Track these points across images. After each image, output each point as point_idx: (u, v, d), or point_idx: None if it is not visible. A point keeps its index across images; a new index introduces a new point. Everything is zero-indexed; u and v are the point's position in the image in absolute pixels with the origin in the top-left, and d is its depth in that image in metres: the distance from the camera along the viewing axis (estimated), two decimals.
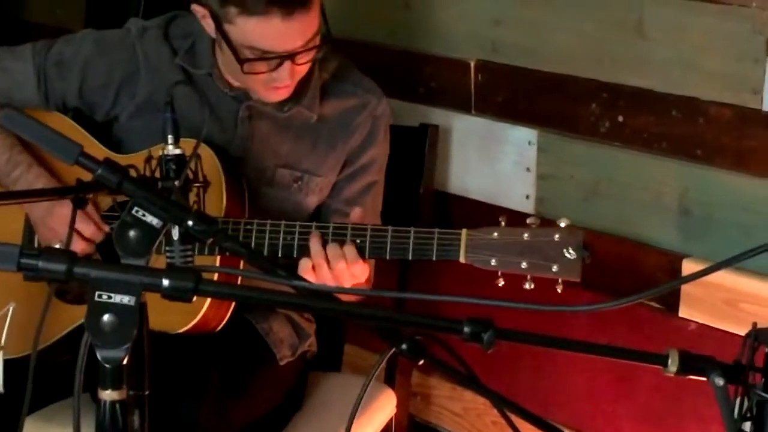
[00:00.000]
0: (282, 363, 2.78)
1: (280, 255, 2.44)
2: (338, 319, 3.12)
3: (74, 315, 2.55)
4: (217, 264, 2.43)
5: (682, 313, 2.79)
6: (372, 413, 2.97)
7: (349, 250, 2.38)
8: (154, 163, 2.26)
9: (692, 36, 2.69)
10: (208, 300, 2.46)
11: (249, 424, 2.66)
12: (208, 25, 2.54)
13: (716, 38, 2.64)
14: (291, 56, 2.47)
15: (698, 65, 2.68)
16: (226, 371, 2.62)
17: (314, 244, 2.40)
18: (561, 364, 3.13)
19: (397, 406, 3.10)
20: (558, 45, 2.96)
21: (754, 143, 2.61)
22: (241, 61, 2.46)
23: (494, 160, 3.17)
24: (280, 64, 2.48)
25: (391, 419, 3.09)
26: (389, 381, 3.13)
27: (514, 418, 1.70)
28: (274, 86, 2.54)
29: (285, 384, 2.84)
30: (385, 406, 3.04)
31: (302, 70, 2.55)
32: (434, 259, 2.34)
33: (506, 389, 3.14)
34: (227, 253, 2.41)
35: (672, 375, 1.55)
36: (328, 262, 2.38)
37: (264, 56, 2.46)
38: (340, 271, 2.37)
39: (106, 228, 2.54)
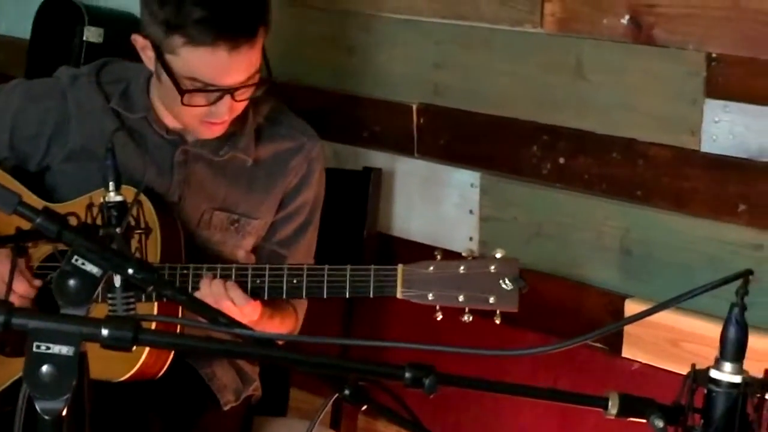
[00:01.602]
0: (226, 408, 2.76)
1: None
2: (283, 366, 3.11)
3: (14, 368, 2.53)
4: (156, 311, 2.42)
5: (625, 353, 2.80)
6: None
7: (234, 292, 2.40)
8: (95, 209, 2.26)
9: (631, 78, 2.72)
10: (147, 349, 2.45)
11: None
12: (148, 57, 2.53)
13: (654, 80, 2.67)
14: (232, 91, 2.47)
15: (637, 107, 2.71)
16: (169, 418, 2.60)
17: (203, 285, 2.42)
18: (506, 407, 3.13)
19: None
20: (498, 88, 2.98)
21: (692, 184, 2.64)
22: (182, 91, 2.45)
23: (437, 203, 3.18)
24: (219, 98, 2.48)
25: None
26: (335, 425, 3.12)
27: None
28: (211, 122, 2.53)
29: (230, 429, 2.81)
30: None
31: (240, 107, 2.55)
32: (371, 296, 2.35)
33: (451, 430, 3.16)
34: (165, 300, 2.40)
35: (613, 417, 1.55)
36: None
37: (205, 88, 2.46)
38: (228, 308, 2.37)
39: (38, 283, 2.52)
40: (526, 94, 2.92)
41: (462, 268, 2.27)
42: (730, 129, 2.56)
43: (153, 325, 2.28)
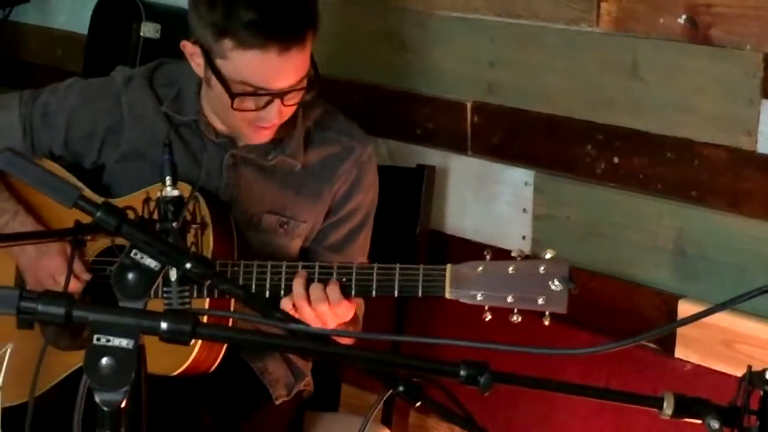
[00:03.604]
0: (278, 402, 2.78)
1: (267, 295, 2.44)
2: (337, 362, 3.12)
3: (68, 362, 2.55)
4: (207, 306, 2.43)
5: (678, 353, 2.80)
6: None
7: (333, 290, 2.39)
8: (152, 204, 2.28)
9: (687, 78, 2.70)
10: (199, 343, 2.46)
11: None
12: (197, 64, 2.55)
13: (710, 80, 2.66)
14: (281, 94, 2.48)
15: (693, 107, 2.70)
16: (221, 412, 2.61)
17: (297, 285, 2.41)
18: (558, 406, 3.13)
19: None
20: (553, 86, 2.97)
21: (748, 185, 2.62)
22: (233, 95, 2.47)
23: (490, 201, 3.18)
24: (269, 102, 2.49)
25: None
26: (386, 421, 3.12)
27: None
28: (260, 126, 2.54)
29: (281, 424, 2.83)
30: None
31: (289, 111, 2.56)
32: (420, 295, 2.35)
33: (503, 429, 3.16)
34: (225, 295, 2.42)
35: (668, 418, 1.55)
36: (309, 303, 2.38)
37: (256, 92, 2.47)
38: (322, 312, 2.38)
39: (87, 276, 2.55)
40: (581, 93, 2.91)
41: (511, 268, 2.26)
42: None
43: (205, 320, 2.31)
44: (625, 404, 1.63)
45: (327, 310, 2.36)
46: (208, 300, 2.46)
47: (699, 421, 1.52)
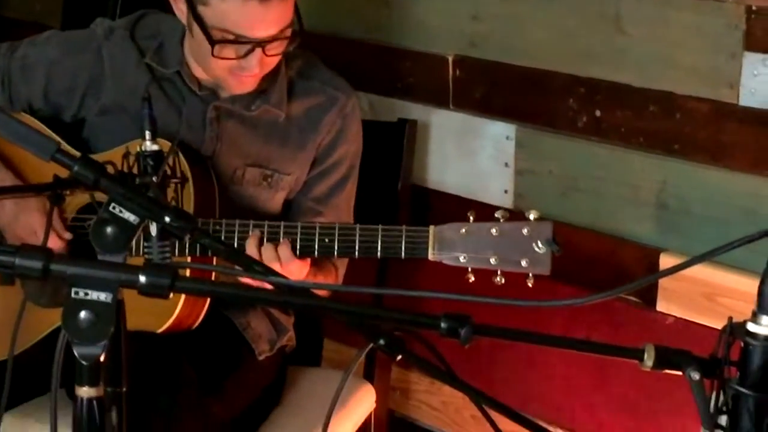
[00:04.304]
0: (260, 358, 2.78)
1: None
2: (318, 315, 3.12)
3: (50, 319, 2.55)
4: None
5: (660, 307, 2.80)
6: (351, 408, 2.97)
7: (283, 250, 2.38)
8: (131, 159, 2.26)
9: (669, 31, 2.69)
10: (182, 299, 2.46)
11: (228, 420, 2.65)
12: (180, 10, 2.53)
13: (693, 33, 2.65)
14: (262, 44, 2.46)
15: (675, 60, 2.69)
16: (204, 367, 2.61)
17: (251, 245, 2.40)
18: (539, 359, 3.14)
19: (377, 401, 3.10)
20: (535, 40, 2.96)
21: (730, 138, 2.62)
22: (213, 42, 2.45)
23: (472, 155, 3.17)
24: (250, 51, 2.47)
25: (371, 414, 3.09)
26: (368, 376, 3.13)
27: (492, 412, 1.71)
28: (241, 75, 2.53)
29: (264, 379, 2.83)
30: (364, 400, 3.05)
31: (271, 61, 2.54)
32: (403, 257, 2.34)
33: (484, 384, 3.15)
34: (207, 252, 2.41)
35: (648, 369, 1.55)
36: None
37: (236, 40, 2.45)
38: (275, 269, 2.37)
39: (68, 236, 2.53)
40: (564, 47, 2.91)
41: (494, 230, 2.25)
42: None
43: (188, 275, 2.30)
44: (605, 356, 1.63)
45: (279, 269, 2.35)
46: (189, 257, 2.45)
47: (679, 373, 1.52)
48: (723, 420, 1.51)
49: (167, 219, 1.71)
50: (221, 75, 2.55)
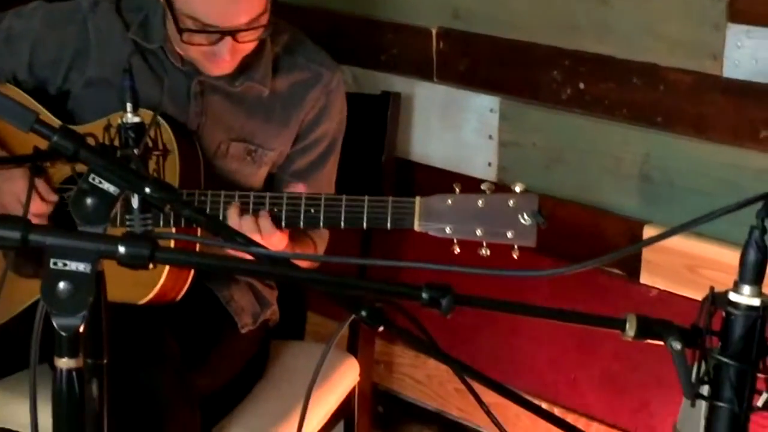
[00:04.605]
0: (243, 331, 2.77)
1: None
2: (300, 287, 3.12)
3: (32, 290, 2.53)
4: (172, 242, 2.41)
5: (644, 279, 2.81)
6: (335, 381, 2.97)
7: (264, 221, 2.37)
8: (113, 131, 2.25)
9: (653, 3, 2.69)
10: (166, 271, 2.46)
11: (211, 393, 2.65)
12: None
13: (677, 5, 2.64)
14: (232, 33, 2.45)
15: (659, 31, 2.68)
16: (187, 340, 2.61)
17: (231, 217, 2.39)
18: (523, 333, 3.14)
19: (360, 374, 3.10)
20: (519, 12, 2.95)
21: (713, 110, 2.62)
22: (181, 30, 2.44)
23: (456, 128, 3.17)
24: (220, 39, 2.45)
25: (354, 387, 3.10)
26: (352, 349, 3.13)
27: (475, 385, 1.70)
28: (215, 60, 2.51)
29: (247, 352, 2.83)
30: (347, 374, 3.05)
31: (244, 48, 2.52)
32: (389, 228, 2.33)
33: (468, 357, 3.16)
34: (191, 225, 2.40)
35: (630, 339, 1.55)
36: None
37: (204, 29, 2.44)
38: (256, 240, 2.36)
39: (54, 198, 2.52)
40: (547, 19, 2.90)
41: (480, 202, 2.25)
42: (752, 54, 2.53)
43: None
44: (588, 327, 1.62)
45: (260, 241, 2.34)
46: (174, 230, 2.44)
47: (661, 343, 1.51)
48: (704, 390, 1.52)
49: (147, 190, 1.70)
50: (196, 58, 2.54)
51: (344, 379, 3.03)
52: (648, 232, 2.75)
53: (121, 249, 1.42)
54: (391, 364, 3.51)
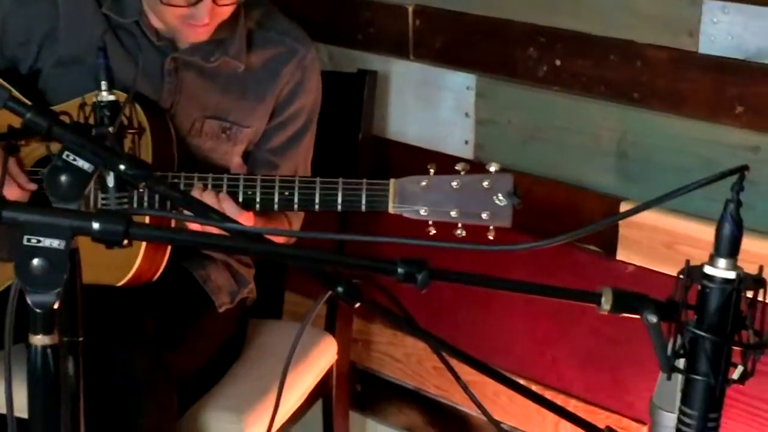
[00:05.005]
0: (221, 310, 2.77)
1: None
2: (278, 266, 3.12)
3: (8, 273, 2.52)
4: (147, 219, 2.40)
5: (620, 255, 2.81)
6: (312, 360, 2.97)
7: (226, 205, 2.38)
8: (87, 109, 2.24)
9: None
10: (141, 252, 2.45)
11: (188, 373, 2.65)
12: None
13: None
14: None
15: (635, 8, 2.68)
16: (163, 320, 2.60)
17: (194, 194, 2.38)
18: (501, 311, 3.14)
19: (338, 353, 3.11)
20: None
21: (690, 86, 2.62)
22: None
23: (433, 106, 3.16)
24: (199, 0, 2.44)
25: (332, 366, 3.10)
26: (330, 328, 3.13)
27: (454, 363, 1.71)
28: (193, 23, 2.50)
29: (224, 331, 2.83)
30: (325, 352, 3.05)
31: (224, 11, 2.51)
32: (363, 210, 2.33)
33: (447, 335, 3.16)
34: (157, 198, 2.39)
35: (606, 313, 1.55)
36: None
37: None
38: None
39: (32, 186, 2.50)
40: None
41: (455, 183, 2.25)
42: (728, 30, 2.53)
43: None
44: (564, 300, 1.63)
45: None
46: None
47: (636, 316, 1.52)
48: (680, 363, 1.52)
49: (122, 167, 1.70)
50: (173, 23, 2.53)
51: (322, 357, 3.03)
52: (625, 208, 2.75)
53: (95, 225, 1.42)
54: (370, 342, 3.51)
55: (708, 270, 1.49)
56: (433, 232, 2.27)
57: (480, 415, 3.11)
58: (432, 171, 2.27)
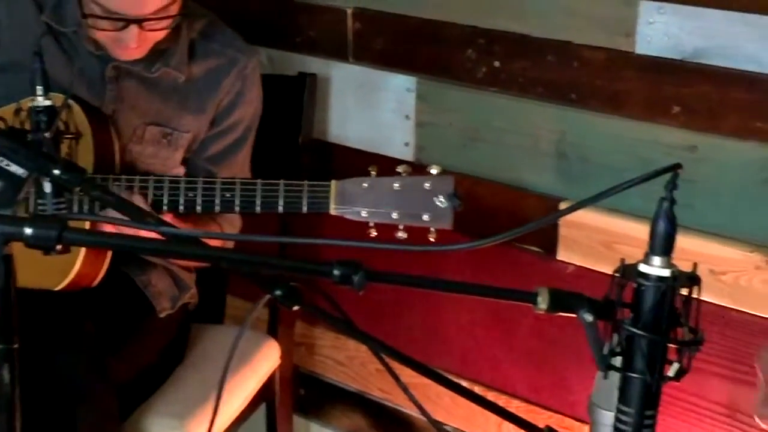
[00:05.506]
0: (162, 315, 2.75)
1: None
2: (219, 270, 3.10)
3: None
4: (87, 225, 2.38)
5: (561, 255, 2.82)
6: (255, 364, 2.96)
7: (137, 200, 2.36)
8: (23, 114, 2.22)
9: None
10: (81, 256, 2.43)
11: (129, 378, 2.63)
12: None
13: None
14: (138, 21, 2.42)
15: (573, 9, 2.69)
16: (104, 325, 2.58)
17: None
18: (442, 312, 3.15)
19: (281, 357, 3.10)
20: None
21: (627, 86, 2.63)
22: (85, 15, 2.41)
23: (373, 108, 3.16)
24: (125, 27, 2.43)
25: (275, 370, 3.09)
26: (272, 332, 3.12)
27: (396, 365, 1.70)
28: (122, 46, 2.49)
29: (166, 336, 2.81)
30: (268, 356, 3.04)
31: (152, 36, 2.49)
32: (305, 211, 2.33)
33: (388, 337, 3.16)
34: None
35: (543, 312, 1.56)
36: None
37: (108, 17, 2.41)
38: None
39: None
40: None
41: (396, 184, 2.25)
42: (665, 30, 2.55)
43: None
44: (500, 300, 1.63)
45: None
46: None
47: (573, 315, 1.53)
48: (617, 361, 1.53)
49: (56, 171, 1.68)
50: (104, 43, 2.51)
51: (265, 361, 3.02)
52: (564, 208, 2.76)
53: (28, 230, 1.40)
54: (312, 346, 3.50)
55: (643, 268, 1.50)
56: (374, 233, 2.27)
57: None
58: (373, 173, 2.27)
